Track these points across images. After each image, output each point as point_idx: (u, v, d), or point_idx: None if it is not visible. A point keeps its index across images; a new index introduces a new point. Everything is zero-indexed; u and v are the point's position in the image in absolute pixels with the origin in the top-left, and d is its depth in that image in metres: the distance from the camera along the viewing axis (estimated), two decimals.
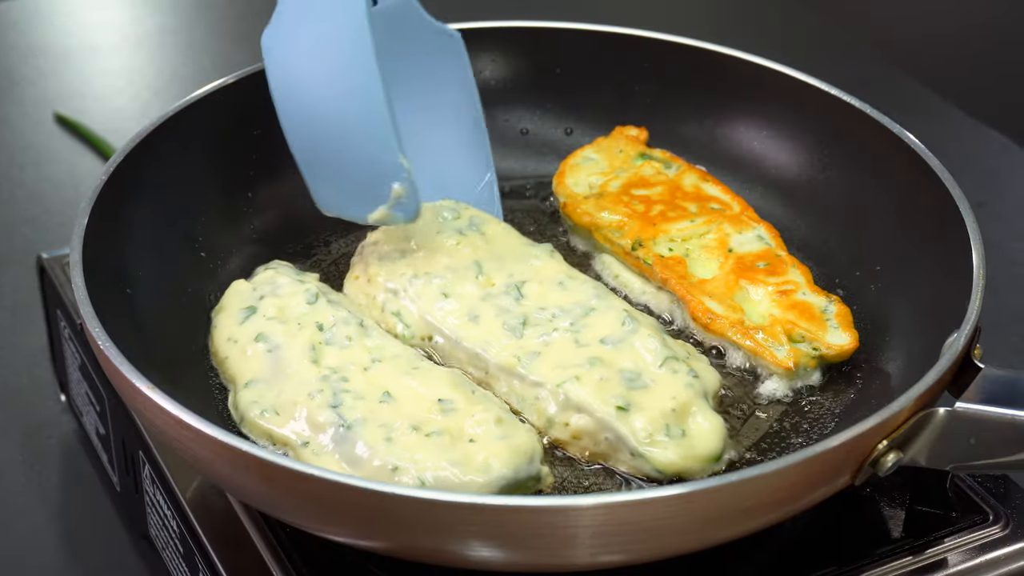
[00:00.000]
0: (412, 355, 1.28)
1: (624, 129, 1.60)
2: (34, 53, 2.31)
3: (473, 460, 1.16)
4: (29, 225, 1.90)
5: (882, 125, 1.43)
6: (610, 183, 1.52)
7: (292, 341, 1.27)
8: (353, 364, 1.25)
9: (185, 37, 2.40)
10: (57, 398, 1.59)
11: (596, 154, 1.58)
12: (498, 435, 1.18)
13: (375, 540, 1.10)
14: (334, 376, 1.23)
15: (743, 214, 1.47)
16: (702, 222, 1.46)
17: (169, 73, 2.29)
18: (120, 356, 1.14)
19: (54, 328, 1.54)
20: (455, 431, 1.18)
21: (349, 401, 1.21)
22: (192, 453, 1.12)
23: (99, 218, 1.29)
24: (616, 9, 2.00)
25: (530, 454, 1.18)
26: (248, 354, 1.27)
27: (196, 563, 1.25)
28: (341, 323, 1.29)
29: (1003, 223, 1.91)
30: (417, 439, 1.17)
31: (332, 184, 1.35)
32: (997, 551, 1.21)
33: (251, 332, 1.29)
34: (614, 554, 1.07)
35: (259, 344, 1.28)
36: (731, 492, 1.03)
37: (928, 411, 1.12)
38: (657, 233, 1.45)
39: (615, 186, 1.52)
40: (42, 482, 1.51)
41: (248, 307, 1.32)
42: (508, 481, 1.16)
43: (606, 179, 1.53)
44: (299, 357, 1.26)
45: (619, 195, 1.50)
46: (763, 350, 1.32)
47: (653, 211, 1.48)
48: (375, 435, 1.17)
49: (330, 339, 1.28)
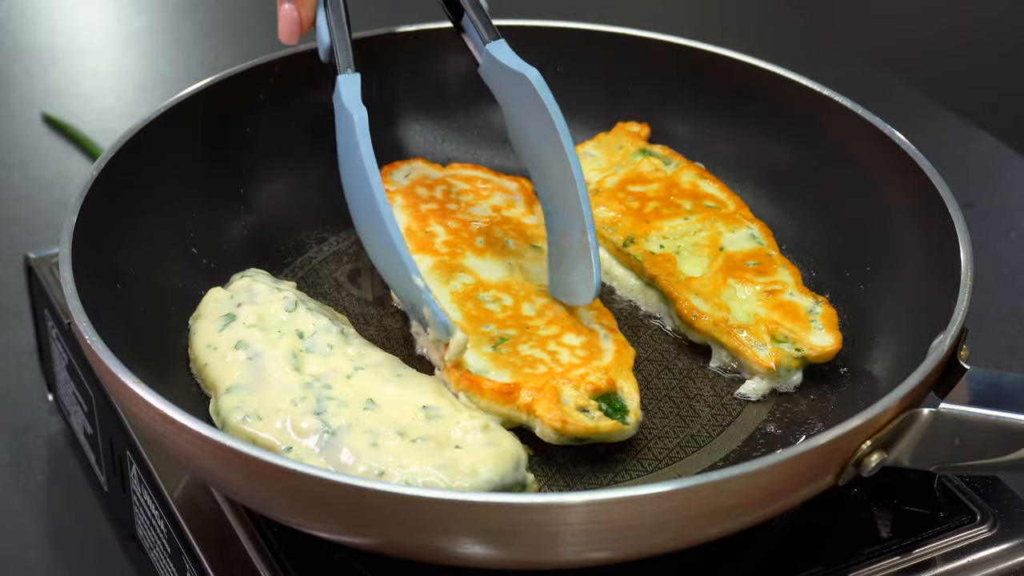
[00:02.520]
0: (394, 363, 1.28)
1: (625, 125, 1.60)
2: (21, 53, 2.31)
3: (460, 465, 1.16)
4: (16, 225, 1.90)
5: (872, 125, 1.43)
6: (607, 179, 1.53)
7: (272, 349, 1.27)
8: (335, 371, 1.25)
9: (173, 37, 2.40)
10: (45, 398, 1.59)
11: (596, 150, 1.58)
12: (484, 441, 1.18)
13: (360, 537, 1.10)
14: (317, 383, 1.23)
15: (737, 212, 1.47)
16: (696, 220, 1.46)
17: (156, 73, 2.29)
18: (107, 351, 1.14)
19: (42, 328, 1.54)
20: (440, 437, 1.18)
21: (333, 408, 1.20)
22: (178, 449, 1.12)
23: (88, 215, 1.29)
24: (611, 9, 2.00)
25: (516, 460, 1.18)
26: (228, 360, 1.27)
27: (183, 563, 1.24)
28: (322, 331, 1.29)
29: (991, 223, 1.91)
30: (403, 445, 1.17)
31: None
32: (984, 551, 1.22)
33: (231, 339, 1.28)
34: (597, 552, 1.07)
35: (239, 351, 1.27)
36: (713, 490, 1.03)
37: (912, 412, 1.12)
38: (650, 230, 1.45)
39: (611, 183, 1.52)
40: (29, 482, 1.51)
41: (227, 314, 1.31)
42: (495, 486, 1.16)
43: (603, 175, 1.54)
44: (280, 364, 1.25)
45: (615, 191, 1.50)
46: (745, 349, 1.32)
47: (647, 208, 1.48)
48: (360, 441, 1.17)
49: (311, 347, 1.27)
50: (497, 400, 1.25)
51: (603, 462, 1.25)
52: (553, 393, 1.25)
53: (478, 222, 1.47)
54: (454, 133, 1.63)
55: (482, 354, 1.30)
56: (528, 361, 1.29)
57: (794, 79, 1.52)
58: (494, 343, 1.31)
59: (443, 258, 1.41)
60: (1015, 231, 1.91)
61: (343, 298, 1.44)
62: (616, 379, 1.28)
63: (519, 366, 1.28)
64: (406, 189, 1.50)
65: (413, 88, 1.62)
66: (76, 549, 1.44)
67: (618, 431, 1.24)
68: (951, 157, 2.02)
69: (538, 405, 1.24)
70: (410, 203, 1.48)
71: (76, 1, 2.52)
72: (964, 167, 2.03)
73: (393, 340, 1.39)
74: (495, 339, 1.31)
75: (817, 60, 2.28)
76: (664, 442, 1.27)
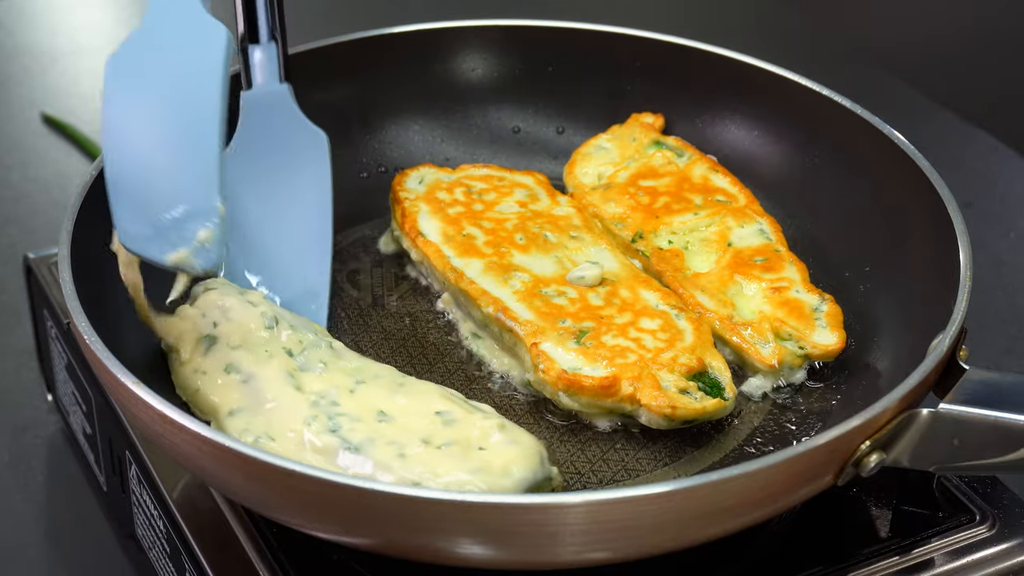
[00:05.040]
0: (392, 372, 1.27)
1: (639, 116, 1.59)
2: (21, 54, 2.31)
3: (492, 467, 1.15)
4: (15, 225, 1.90)
5: (872, 125, 1.44)
6: (619, 173, 1.52)
7: (265, 370, 1.24)
8: (337, 388, 1.23)
9: None
10: (44, 398, 1.59)
11: (609, 143, 1.58)
12: (506, 441, 1.18)
13: (359, 537, 1.10)
14: (323, 401, 1.22)
15: (748, 207, 1.47)
16: (705, 215, 1.46)
17: None
18: (106, 351, 1.14)
19: (41, 328, 1.54)
20: (463, 441, 1.18)
21: (347, 424, 1.19)
22: (177, 449, 1.12)
23: (88, 214, 1.29)
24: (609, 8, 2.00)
25: (540, 455, 1.18)
26: (220, 384, 1.24)
27: (183, 563, 1.24)
28: (311, 347, 1.27)
29: (991, 223, 1.91)
30: (429, 452, 1.16)
31: (140, 216, 1.24)
32: (984, 551, 1.22)
33: (218, 363, 1.25)
34: (596, 552, 1.07)
35: (231, 375, 1.24)
36: (712, 490, 1.03)
37: (911, 412, 1.12)
38: (659, 225, 1.45)
39: (623, 177, 1.52)
40: (28, 482, 1.51)
41: (207, 336, 1.27)
42: (529, 484, 1.15)
43: (615, 169, 1.53)
44: (279, 385, 1.23)
45: (625, 186, 1.50)
46: (748, 346, 1.32)
47: (658, 203, 1.48)
48: (386, 453, 1.16)
49: (304, 365, 1.26)
50: (600, 395, 1.26)
51: (602, 461, 1.25)
52: (653, 380, 1.26)
53: (511, 219, 1.46)
54: (453, 133, 1.63)
55: (569, 350, 1.29)
56: (617, 351, 1.29)
57: (794, 79, 1.52)
58: (576, 337, 1.31)
59: (491, 259, 1.40)
60: (1014, 231, 1.91)
61: (342, 300, 1.44)
62: (704, 357, 1.29)
63: (610, 357, 1.28)
64: (427, 196, 1.49)
65: (409, 89, 1.62)
66: (75, 549, 1.44)
67: (722, 408, 1.26)
68: (951, 157, 2.02)
69: (642, 394, 1.25)
70: (436, 208, 1.47)
71: (76, 1, 2.52)
72: (964, 167, 2.03)
73: (393, 341, 1.38)
74: (576, 333, 1.31)
75: (817, 60, 2.28)
76: (664, 441, 1.27)
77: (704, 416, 1.26)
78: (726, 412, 1.27)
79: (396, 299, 1.44)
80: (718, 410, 1.26)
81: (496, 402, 1.31)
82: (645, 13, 2.45)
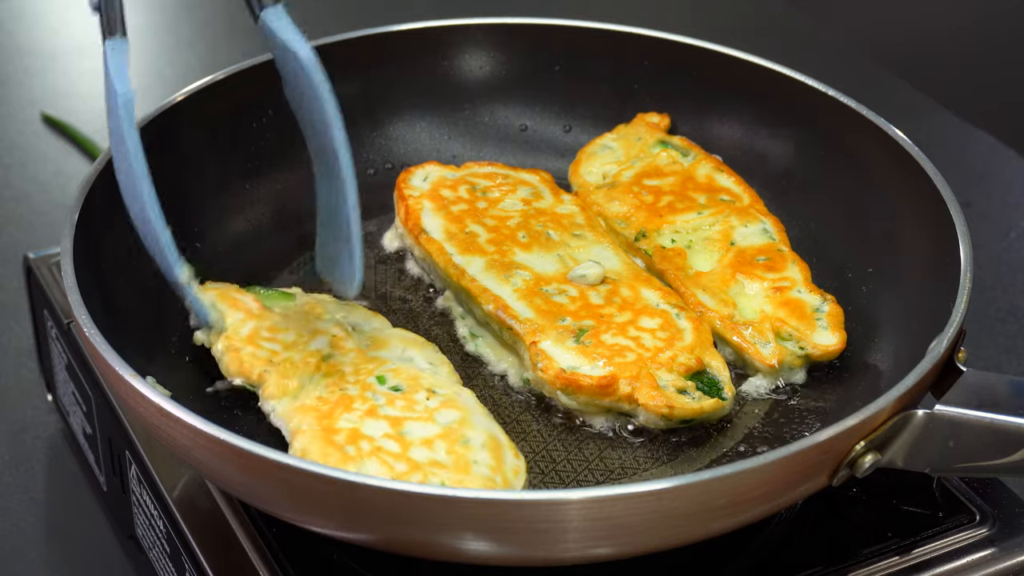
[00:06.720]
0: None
1: (645, 116, 1.60)
2: (20, 53, 2.31)
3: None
4: (15, 225, 1.90)
5: (874, 124, 1.43)
6: (624, 173, 1.53)
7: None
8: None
9: (171, 36, 2.40)
10: (44, 398, 1.59)
11: (614, 142, 1.58)
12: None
13: (356, 532, 1.10)
14: None
15: (752, 207, 1.47)
16: (709, 214, 1.46)
17: (155, 72, 2.29)
18: (106, 345, 1.15)
19: (41, 328, 1.54)
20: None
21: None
22: (175, 443, 1.12)
23: (90, 212, 1.29)
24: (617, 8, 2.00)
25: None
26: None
27: (183, 563, 1.24)
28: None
29: (990, 223, 1.91)
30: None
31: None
32: (983, 551, 1.22)
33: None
34: (594, 548, 1.07)
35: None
36: (705, 489, 1.04)
37: (907, 413, 1.12)
38: (662, 224, 1.45)
39: (628, 176, 1.52)
40: (28, 482, 1.51)
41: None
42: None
43: (620, 168, 1.53)
44: None
45: (630, 185, 1.50)
46: (749, 346, 1.32)
47: (661, 202, 1.48)
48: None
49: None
50: (597, 394, 1.26)
51: (599, 460, 1.25)
52: (651, 379, 1.26)
53: (514, 217, 1.46)
54: (460, 130, 1.63)
55: (568, 348, 1.30)
56: (615, 350, 1.29)
57: (796, 78, 1.52)
58: (575, 336, 1.31)
59: (493, 257, 1.40)
60: (1014, 231, 1.91)
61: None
62: (703, 357, 1.29)
63: (609, 356, 1.28)
64: (431, 193, 1.49)
65: (416, 87, 1.62)
66: (75, 549, 1.44)
67: (720, 408, 1.26)
68: (951, 157, 2.02)
69: (640, 394, 1.25)
70: (439, 206, 1.47)
71: (76, 1, 2.51)
72: (964, 167, 2.03)
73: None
74: (575, 332, 1.31)
75: (818, 59, 2.28)
76: (662, 440, 1.27)
77: (702, 416, 1.26)
78: (724, 412, 1.27)
79: (398, 295, 1.44)
80: (716, 410, 1.26)
81: (495, 400, 1.31)
82: (653, 12, 2.45)
